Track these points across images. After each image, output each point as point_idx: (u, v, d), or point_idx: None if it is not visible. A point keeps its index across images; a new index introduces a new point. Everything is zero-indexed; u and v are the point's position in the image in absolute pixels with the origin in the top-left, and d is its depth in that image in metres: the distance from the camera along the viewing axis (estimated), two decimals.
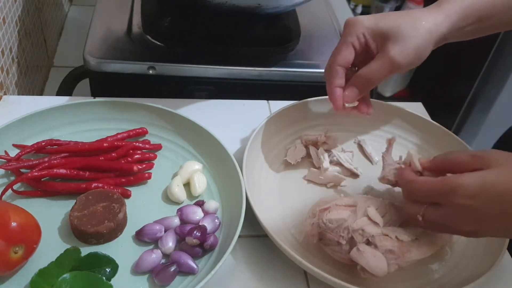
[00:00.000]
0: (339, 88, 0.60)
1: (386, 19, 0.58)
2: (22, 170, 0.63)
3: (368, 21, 0.59)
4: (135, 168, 0.65)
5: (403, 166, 0.57)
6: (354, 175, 0.71)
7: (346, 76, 0.61)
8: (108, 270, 0.54)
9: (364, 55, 0.61)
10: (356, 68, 0.62)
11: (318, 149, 0.72)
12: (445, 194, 0.47)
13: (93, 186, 0.62)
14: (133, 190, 0.64)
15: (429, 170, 0.54)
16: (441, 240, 0.59)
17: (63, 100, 0.75)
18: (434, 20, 0.58)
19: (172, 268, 0.54)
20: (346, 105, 0.61)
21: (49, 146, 0.66)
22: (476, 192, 0.45)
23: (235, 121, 0.77)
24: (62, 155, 0.65)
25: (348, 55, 0.59)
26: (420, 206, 0.50)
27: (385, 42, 0.57)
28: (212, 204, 0.62)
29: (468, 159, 0.48)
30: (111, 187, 0.63)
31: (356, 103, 0.62)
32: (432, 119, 0.78)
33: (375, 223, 0.56)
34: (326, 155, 0.71)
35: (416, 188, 0.50)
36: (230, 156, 0.65)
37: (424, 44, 0.57)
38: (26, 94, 0.94)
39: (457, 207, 0.47)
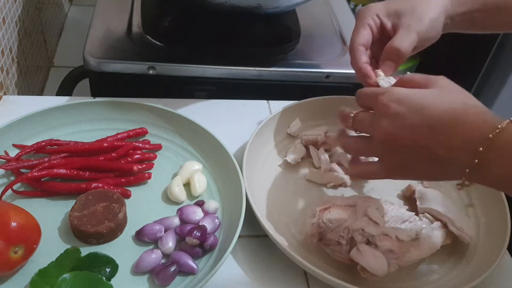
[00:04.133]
0: (367, 64, 0.61)
1: (397, 1, 0.62)
2: (22, 170, 0.63)
3: (380, 5, 0.62)
4: (135, 168, 0.65)
5: None
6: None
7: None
8: (108, 270, 0.54)
9: (379, 42, 0.62)
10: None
11: (318, 149, 0.72)
12: (376, 96, 0.50)
13: (93, 186, 0.62)
14: (133, 190, 0.64)
15: None
16: (441, 240, 0.59)
17: (63, 100, 0.75)
18: None
19: (172, 268, 0.54)
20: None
21: (49, 146, 0.66)
22: (401, 99, 0.48)
23: (235, 121, 0.77)
24: (62, 155, 0.65)
25: (367, 35, 0.61)
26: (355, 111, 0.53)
27: (400, 18, 0.60)
28: (212, 204, 0.62)
29: (421, 80, 0.51)
30: (111, 187, 0.63)
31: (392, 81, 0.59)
32: None
33: (375, 223, 0.57)
34: (326, 155, 0.71)
35: (362, 92, 0.53)
36: (230, 156, 0.65)
37: (437, 16, 0.60)
38: (26, 94, 0.94)
39: (381, 108, 0.49)
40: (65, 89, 0.89)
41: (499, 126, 0.43)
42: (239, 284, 0.57)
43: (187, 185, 0.65)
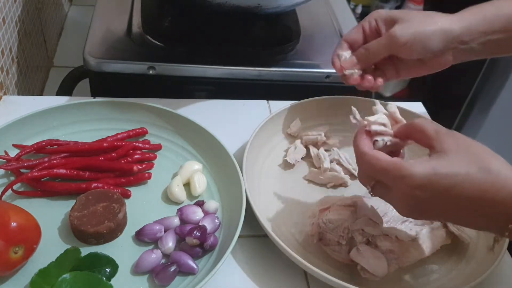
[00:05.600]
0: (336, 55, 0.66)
1: (402, 11, 0.63)
2: (22, 170, 0.63)
3: (383, 11, 0.65)
4: (135, 168, 0.65)
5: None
6: (353, 176, 0.71)
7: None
8: (108, 270, 0.54)
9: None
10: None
11: (318, 149, 0.72)
12: (394, 179, 0.48)
13: (93, 186, 0.62)
14: (133, 190, 0.64)
15: (396, 134, 0.54)
16: (441, 240, 0.59)
17: (63, 100, 0.75)
18: (447, 20, 0.61)
19: (172, 268, 0.54)
20: (345, 72, 0.65)
21: (49, 146, 0.66)
22: (424, 184, 0.45)
23: (235, 121, 0.77)
24: (62, 155, 0.65)
25: (354, 34, 0.65)
26: (370, 180, 0.51)
27: (392, 26, 0.62)
28: (212, 204, 0.62)
29: (432, 134, 0.49)
30: (111, 187, 0.63)
31: (356, 73, 0.64)
32: (432, 119, 0.78)
33: (375, 223, 0.57)
34: (326, 155, 0.71)
35: (368, 162, 0.50)
36: (230, 156, 0.65)
37: (429, 34, 0.60)
38: (26, 94, 0.94)
39: (403, 195, 0.47)
40: (65, 89, 0.89)
41: None
42: (239, 284, 0.57)
43: (187, 185, 0.65)
